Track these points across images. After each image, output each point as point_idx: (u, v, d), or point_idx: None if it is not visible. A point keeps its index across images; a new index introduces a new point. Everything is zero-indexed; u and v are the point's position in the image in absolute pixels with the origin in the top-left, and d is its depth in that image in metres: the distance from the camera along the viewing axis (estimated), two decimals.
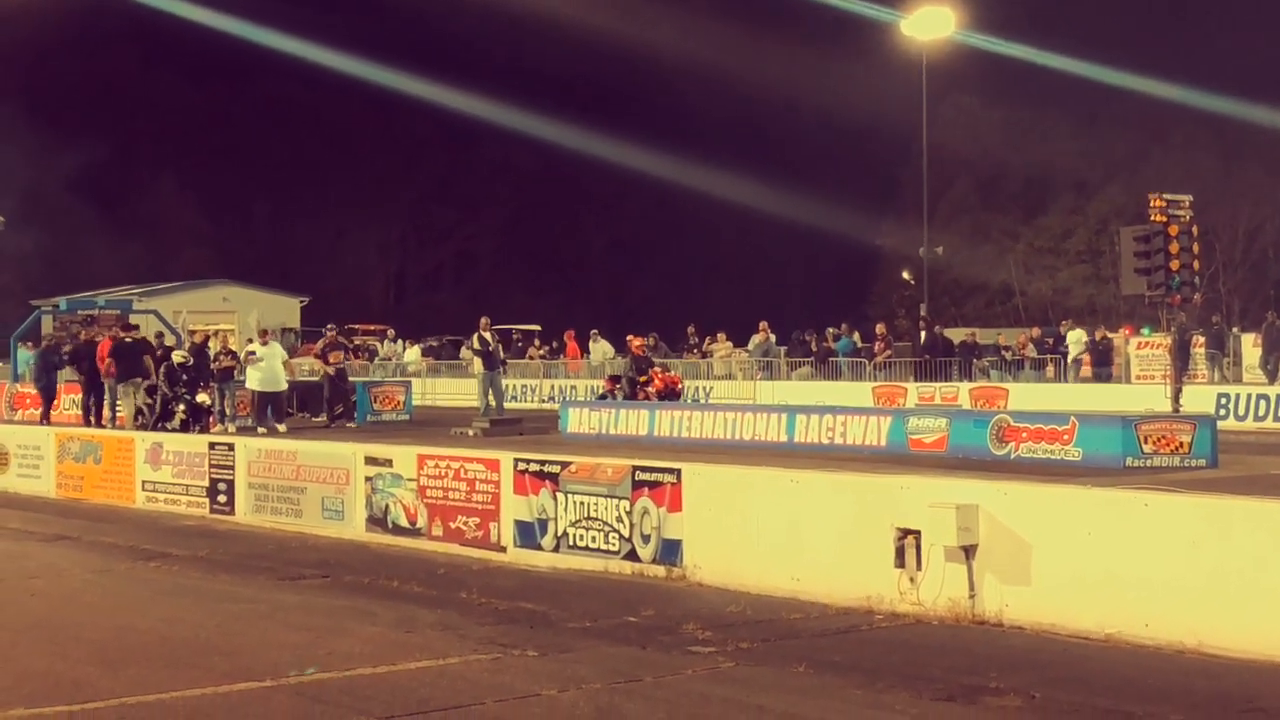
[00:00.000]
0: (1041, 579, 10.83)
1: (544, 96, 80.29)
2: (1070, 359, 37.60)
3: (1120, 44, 64.03)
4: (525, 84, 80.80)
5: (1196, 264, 26.64)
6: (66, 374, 33.46)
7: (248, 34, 73.60)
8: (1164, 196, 26.44)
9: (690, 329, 44.56)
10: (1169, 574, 10.18)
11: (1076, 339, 38.50)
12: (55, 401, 32.68)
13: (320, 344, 33.64)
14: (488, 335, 32.05)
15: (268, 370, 29.37)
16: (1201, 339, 35.95)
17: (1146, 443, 20.42)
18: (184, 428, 26.15)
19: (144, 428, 26.11)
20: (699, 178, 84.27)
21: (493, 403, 31.90)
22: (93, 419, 29.99)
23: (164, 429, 25.54)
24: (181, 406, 26.91)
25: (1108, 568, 10.48)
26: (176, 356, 27.95)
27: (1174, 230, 25.65)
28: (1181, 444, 20.61)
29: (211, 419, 28.15)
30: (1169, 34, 65.65)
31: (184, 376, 27.19)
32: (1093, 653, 10.04)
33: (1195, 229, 26.36)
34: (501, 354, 33.52)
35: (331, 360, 31.34)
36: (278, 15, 74.24)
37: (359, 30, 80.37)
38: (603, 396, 31.18)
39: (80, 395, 31.62)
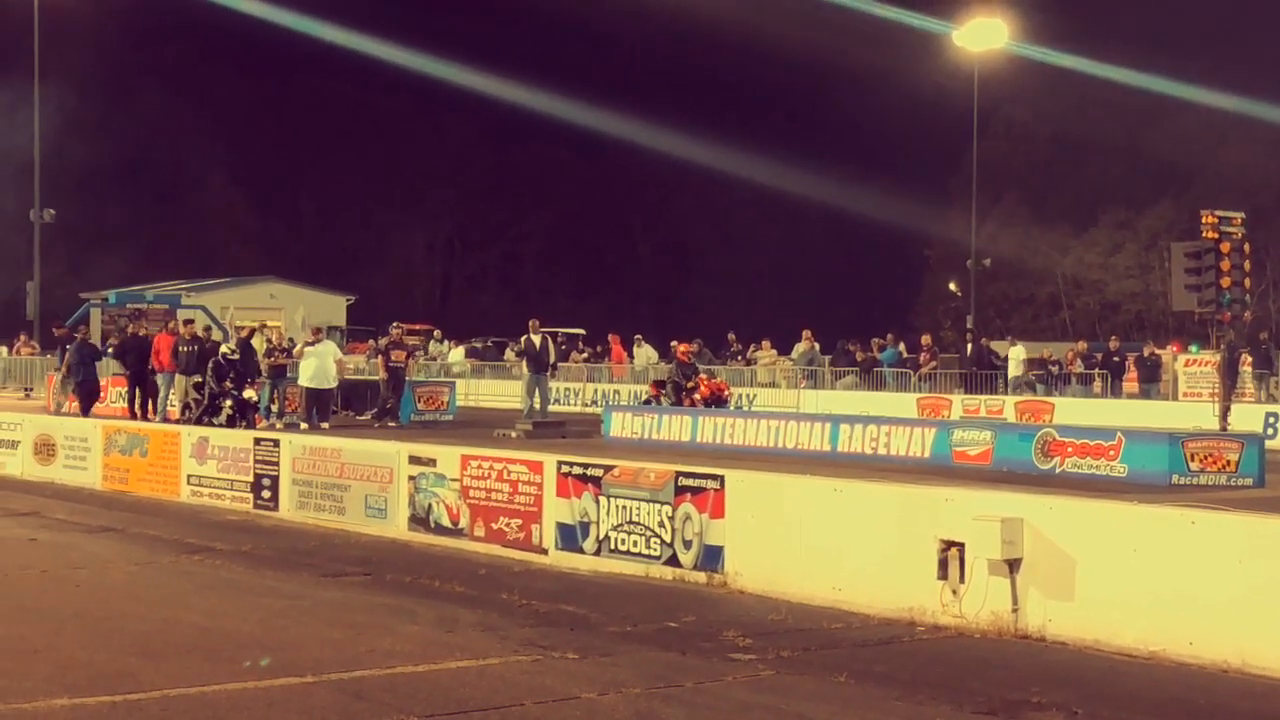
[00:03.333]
0: (1085, 595, 10.77)
1: (593, 98, 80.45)
2: (1010, 377, 36.61)
3: (1174, 56, 63.61)
4: (575, 85, 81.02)
5: (1247, 281, 26.49)
6: (113, 366, 33.62)
7: (300, 27, 73.93)
8: (1216, 213, 26.31)
9: (731, 336, 44.56)
10: (1214, 593, 10.11)
11: (1016, 356, 37.38)
12: (101, 396, 32.60)
13: (384, 341, 33.65)
14: (536, 338, 32.10)
15: (319, 368, 29.46)
16: (1250, 357, 35.67)
17: (1193, 460, 20.29)
18: (230, 423, 26.25)
19: (190, 422, 26.26)
20: (747, 185, 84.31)
21: (537, 405, 31.94)
22: (138, 412, 30.17)
23: (210, 424, 25.67)
24: (229, 402, 27.01)
25: (1152, 585, 10.41)
26: (224, 349, 28.08)
27: (1226, 247, 25.55)
28: (1229, 462, 20.46)
29: (257, 415, 28.24)
30: (1223, 46, 65.19)
31: (231, 372, 27.29)
32: (1136, 670, 9.98)
33: (1247, 246, 26.21)
34: (552, 356, 33.49)
35: (394, 358, 31.40)
36: (331, 10, 74.63)
37: (412, 28, 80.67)
38: (647, 402, 31.20)
39: (125, 388, 31.81)
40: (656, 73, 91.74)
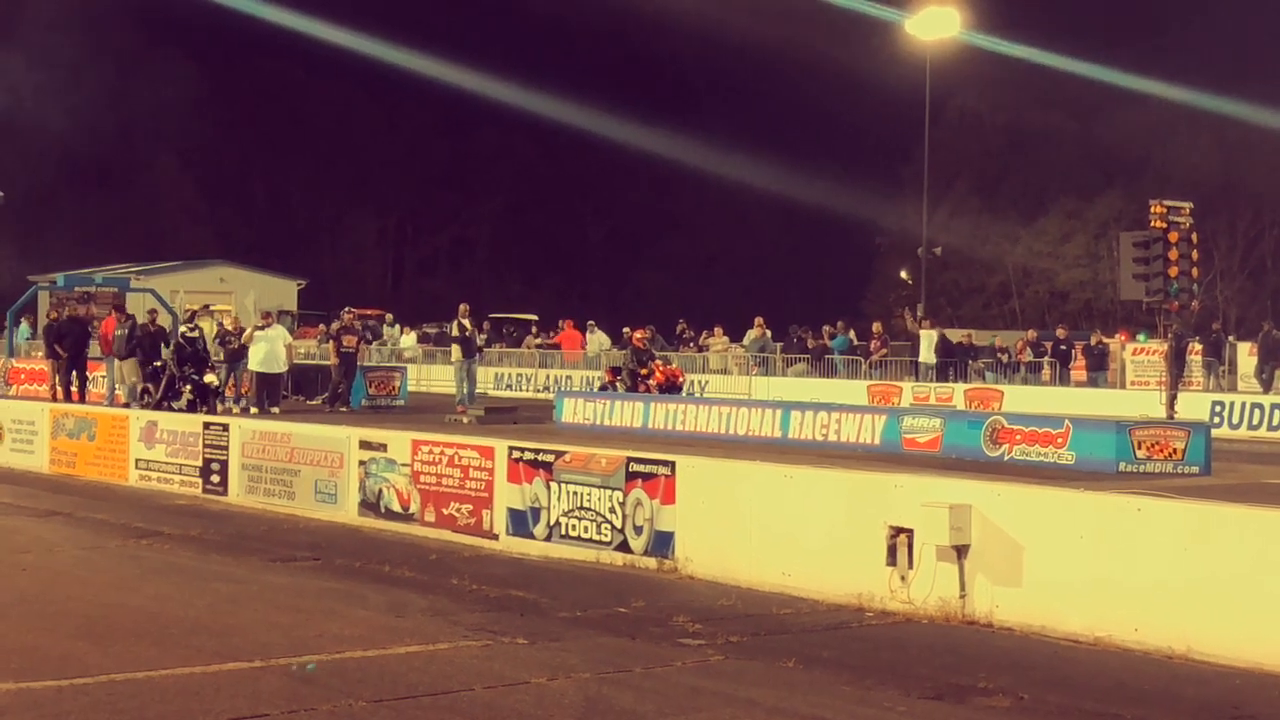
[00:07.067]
0: (1032, 581, 10.84)
1: (545, 84, 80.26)
2: (920, 362, 36.08)
3: (1125, 47, 63.98)
4: (527, 71, 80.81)
5: (1195, 271, 26.67)
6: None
7: (251, 10, 73.34)
8: (1164, 203, 26.49)
9: (681, 323, 44.53)
10: (1160, 579, 10.20)
11: (927, 341, 36.55)
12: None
13: (335, 326, 33.48)
14: (466, 322, 32.03)
15: (269, 352, 29.27)
16: (1198, 346, 35.93)
17: (1140, 448, 20.42)
18: (190, 408, 26.00)
19: (147, 407, 26.03)
20: (698, 172, 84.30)
21: (465, 390, 31.88)
22: (73, 395, 30.00)
23: (170, 409, 25.43)
24: (188, 387, 26.74)
25: (1099, 571, 10.50)
26: (182, 329, 27.84)
27: (1174, 237, 25.70)
28: (1175, 450, 20.61)
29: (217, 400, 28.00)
30: (1172, 37, 65.60)
31: (189, 349, 27.03)
32: (1082, 656, 10.06)
33: (1195, 236, 26.40)
34: (479, 342, 33.40)
35: (345, 343, 31.23)
36: None
37: (364, 13, 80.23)
38: (604, 388, 31.18)
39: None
40: (608, 60, 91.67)
